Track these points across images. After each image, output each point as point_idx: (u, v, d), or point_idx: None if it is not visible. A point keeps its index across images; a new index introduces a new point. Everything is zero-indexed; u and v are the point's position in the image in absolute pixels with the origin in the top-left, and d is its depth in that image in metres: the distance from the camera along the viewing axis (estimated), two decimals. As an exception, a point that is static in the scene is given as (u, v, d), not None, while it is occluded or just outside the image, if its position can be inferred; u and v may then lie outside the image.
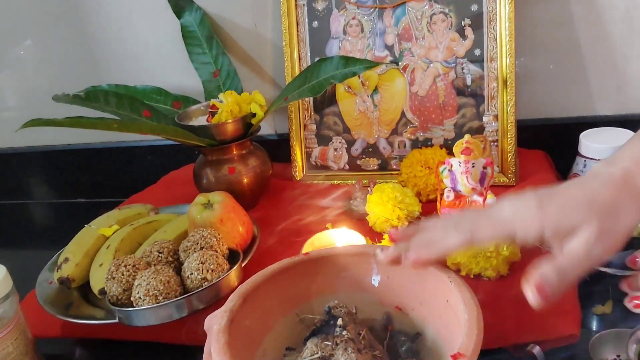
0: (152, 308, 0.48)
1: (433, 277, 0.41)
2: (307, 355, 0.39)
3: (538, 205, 0.35)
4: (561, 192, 0.36)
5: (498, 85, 0.72)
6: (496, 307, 0.49)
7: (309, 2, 0.78)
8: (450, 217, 0.41)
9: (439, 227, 0.40)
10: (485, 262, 0.53)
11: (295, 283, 0.45)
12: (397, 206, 0.63)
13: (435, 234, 0.39)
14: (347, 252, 0.46)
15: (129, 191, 0.87)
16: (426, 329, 0.43)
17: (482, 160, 0.60)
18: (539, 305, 0.35)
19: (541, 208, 0.35)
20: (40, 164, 1.02)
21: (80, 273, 0.62)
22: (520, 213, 0.36)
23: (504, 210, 0.37)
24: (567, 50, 0.76)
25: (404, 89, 0.76)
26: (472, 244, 0.37)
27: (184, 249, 0.55)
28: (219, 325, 0.39)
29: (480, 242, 0.37)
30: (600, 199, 0.35)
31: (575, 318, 0.47)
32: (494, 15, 0.71)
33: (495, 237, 0.37)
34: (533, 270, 0.35)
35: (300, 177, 0.82)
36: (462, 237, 0.37)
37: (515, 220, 0.36)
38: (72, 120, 0.62)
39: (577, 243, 0.35)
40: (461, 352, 0.33)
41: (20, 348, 0.50)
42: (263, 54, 0.86)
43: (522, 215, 0.36)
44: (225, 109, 0.72)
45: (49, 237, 0.90)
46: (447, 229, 0.38)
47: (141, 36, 0.90)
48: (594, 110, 0.78)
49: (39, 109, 0.84)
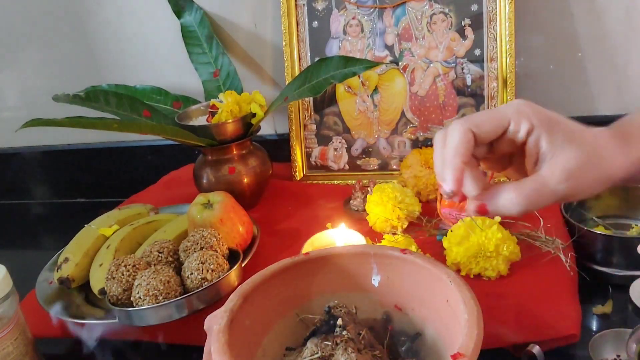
0: (152, 308, 0.48)
1: (433, 277, 0.41)
2: (307, 355, 0.39)
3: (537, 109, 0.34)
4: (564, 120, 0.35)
5: (498, 85, 0.72)
6: (496, 307, 0.49)
7: (309, 2, 0.78)
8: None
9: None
10: (485, 262, 0.53)
11: (295, 283, 0.45)
12: (397, 206, 0.63)
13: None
14: (347, 252, 0.46)
15: (129, 191, 0.87)
16: (426, 328, 0.43)
17: (482, 160, 0.60)
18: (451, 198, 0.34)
19: (539, 112, 0.34)
20: (40, 164, 1.02)
21: (80, 273, 0.62)
22: (521, 107, 0.34)
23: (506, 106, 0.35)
24: (567, 49, 0.76)
25: (404, 89, 0.76)
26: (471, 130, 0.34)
27: (184, 249, 0.55)
28: (219, 325, 0.39)
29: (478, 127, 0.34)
30: (594, 141, 0.34)
31: (575, 318, 0.47)
32: (494, 15, 0.71)
33: (489, 122, 0.34)
34: (493, 189, 0.33)
35: (300, 177, 0.82)
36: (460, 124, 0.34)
37: (512, 112, 0.34)
38: (72, 120, 0.62)
39: (552, 169, 0.33)
40: (461, 352, 0.33)
41: (20, 348, 0.50)
42: (263, 53, 0.86)
43: (521, 108, 0.34)
44: (225, 109, 0.72)
45: (49, 237, 0.90)
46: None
47: (141, 36, 0.90)
48: (595, 110, 0.78)
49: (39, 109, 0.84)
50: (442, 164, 0.34)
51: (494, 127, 0.34)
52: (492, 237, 0.53)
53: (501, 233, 0.53)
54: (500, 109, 0.35)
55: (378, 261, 0.45)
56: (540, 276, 0.52)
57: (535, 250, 0.55)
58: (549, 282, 0.51)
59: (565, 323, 0.46)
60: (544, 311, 0.48)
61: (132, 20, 0.89)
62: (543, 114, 0.34)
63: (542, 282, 0.51)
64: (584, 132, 0.35)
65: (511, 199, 0.33)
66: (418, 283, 0.43)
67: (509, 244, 0.53)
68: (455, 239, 0.55)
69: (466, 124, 0.34)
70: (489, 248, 0.52)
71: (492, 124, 0.34)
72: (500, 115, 0.35)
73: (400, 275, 0.44)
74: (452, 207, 0.62)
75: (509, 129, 0.34)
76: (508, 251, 0.53)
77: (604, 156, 0.34)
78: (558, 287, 0.51)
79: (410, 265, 0.43)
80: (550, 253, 0.54)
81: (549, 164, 0.33)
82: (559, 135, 0.34)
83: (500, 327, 0.46)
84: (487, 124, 0.34)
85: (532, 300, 0.49)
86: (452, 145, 0.34)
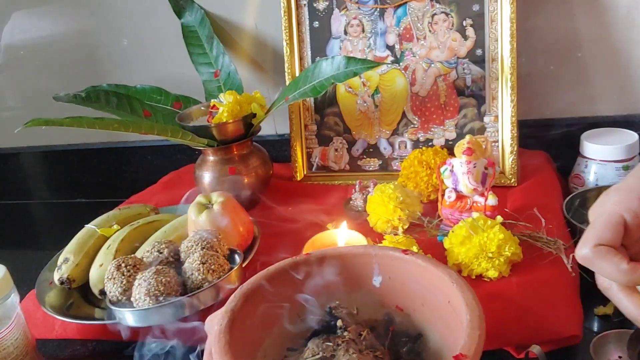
0: (152, 308, 0.48)
1: (435, 277, 0.41)
2: (309, 356, 0.39)
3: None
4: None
5: (499, 85, 0.72)
6: (498, 308, 0.49)
7: (309, 2, 0.78)
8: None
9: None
10: (487, 263, 0.52)
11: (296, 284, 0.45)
12: (398, 206, 0.63)
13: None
14: (348, 252, 0.46)
15: (129, 191, 0.87)
16: (428, 329, 0.43)
17: (484, 160, 0.60)
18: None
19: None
20: (41, 164, 1.02)
21: (80, 273, 0.62)
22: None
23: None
24: (568, 50, 0.76)
25: (405, 89, 0.76)
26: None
27: (185, 250, 0.54)
28: (219, 326, 0.38)
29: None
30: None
31: (577, 319, 0.47)
32: (496, 15, 0.70)
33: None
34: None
35: (300, 178, 0.82)
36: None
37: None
38: (72, 120, 0.62)
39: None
40: (463, 353, 0.33)
41: (21, 348, 0.50)
42: (264, 54, 0.86)
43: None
44: (225, 109, 0.71)
45: (49, 237, 0.90)
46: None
47: (142, 36, 0.89)
48: (596, 111, 0.78)
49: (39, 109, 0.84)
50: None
51: (617, 233, 0.36)
52: (494, 237, 0.53)
53: (503, 234, 0.53)
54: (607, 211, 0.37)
55: (379, 262, 0.45)
56: (541, 277, 0.52)
57: (537, 251, 0.55)
58: (551, 283, 0.51)
59: (567, 324, 0.46)
60: (545, 312, 0.48)
61: (133, 20, 0.89)
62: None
63: (543, 283, 0.51)
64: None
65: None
66: (420, 284, 0.43)
67: (511, 245, 0.53)
68: (456, 240, 0.55)
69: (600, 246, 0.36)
70: (490, 249, 0.52)
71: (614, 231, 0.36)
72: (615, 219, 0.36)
73: (401, 276, 0.44)
74: (453, 208, 0.61)
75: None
76: (510, 252, 0.52)
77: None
78: (560, 288, 0.50)
79: (412, 266, 0.43)
80: (552, 254, 0.54)
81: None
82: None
83: (501, 328, 0.46)
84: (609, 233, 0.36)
85: (533, 301, 0.49)
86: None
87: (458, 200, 0.61)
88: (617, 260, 0.35)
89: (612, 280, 0.37)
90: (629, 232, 0.36)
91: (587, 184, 0.68)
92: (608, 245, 0.36)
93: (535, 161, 0.75)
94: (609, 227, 0.36)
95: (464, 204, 0.61)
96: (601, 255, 0.36)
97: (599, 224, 0.37)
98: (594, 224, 0.37)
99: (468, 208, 0.61)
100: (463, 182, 0.60)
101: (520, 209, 0.61)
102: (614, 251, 0.36)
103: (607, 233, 0.36)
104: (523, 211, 0.60)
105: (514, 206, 0.64)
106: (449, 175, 0.61)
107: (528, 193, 0.68)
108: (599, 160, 0.67)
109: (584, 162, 0.68)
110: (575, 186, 0.69)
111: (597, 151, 0.67)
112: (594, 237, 0.36)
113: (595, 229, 0.37)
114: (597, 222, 0.37)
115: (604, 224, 0.36)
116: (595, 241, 0.36)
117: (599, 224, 0.37)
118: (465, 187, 0.60)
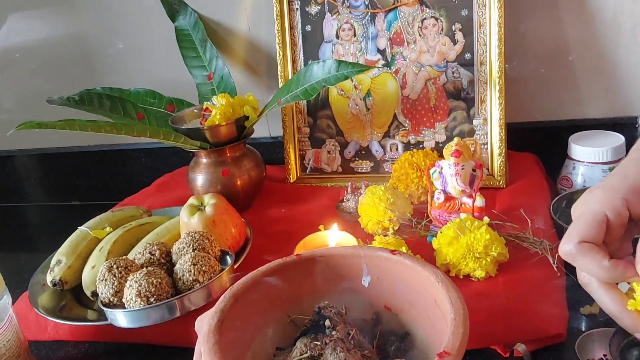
0: (143, 309, 0.48)
1: (421, 277, 0.42)
2: (296, 355, 0.39)
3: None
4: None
5: (488, 88, 0.73)
6: (485, 307, 0.49)
7: (302, 6, 0.78)
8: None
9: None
10: (474, 263, 0.53)
11: (286, 284, 0.45)
12: (389, 208, 0.63)
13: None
14: (337, 253, 0.47)
15: (123, 194, 0.87)
16: (415, 328, 0.44)
17: (472, 162, 0.61)
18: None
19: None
20: (35, 167, 1.02)
21: (72, 275, 0.62)
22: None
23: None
24: (556, 54, 0.77)
25: (395, 93, 0.77)
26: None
27: (177, 251, 0.55)
28: (209, 326, 0.39)
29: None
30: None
31: (562, 318, 0.48)
32: (484, 20, 0.71)
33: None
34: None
35: (293, 180, 0.83)
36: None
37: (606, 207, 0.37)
38: (65, 123, 0.63)
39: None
40: (447, 351, 0.34)
41: (13, 350, 0.50)
42: (257, 57, 0.87)
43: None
44: (218, 111, 0.72)
45: (42, 240, 0.90)
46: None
47: (135, 39, 0.90)
48: (583, 114, 0.79)
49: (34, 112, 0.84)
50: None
51: (600, 231, 0.37)
52: (481, 238, 0.53)
53: (490, 234, 0.54)
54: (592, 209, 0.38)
55: (368, 262, 0.45)
56: (528, 277, 0.53)
57: (524, 251, 0.56)
58: (537, 282, 0.52)
59: (552, 323, 0.47)
60: (531, 311, 0.48)
61: (127, 23, 0.89)
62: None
63: (529, 282, 0.52)
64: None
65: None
66: (407, 283, 0.44)
67: (498, 245, 0.54)
68: (444, 240, 0.55)
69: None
70: (477, 249, 0.53)
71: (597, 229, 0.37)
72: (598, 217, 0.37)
73: (389, 276, 0.45)
74: (442, 209, 0.62)
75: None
76: (496, 252, 0.53)
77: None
78: (545, 288, 0.51)
79: (400, 266, 0.44)
80: (538, 254, 0.55)
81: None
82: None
83: (488, 327, 0.47)
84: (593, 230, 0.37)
85: (519, 300, 0.50)
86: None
87: (447, 201, 0.62)
88: (599, 257, 0.36)
89: (594, 276, 0.38)
90: (611, 230, 0.37)
91: (575, 186, 0.68)
92: (591, 242, 0.37)
93: (524, 163, 0.76)
94: (592, 225, 0.37)
95: (453, 205, 0.62)
96: (584, 252, 0.37)
97: (583, 221, 0.38)
98: (578, 221, 0.38)
99: (457, 209, 0.62)
100: (451, 184, 0.60)
101: (508, 210, 0.62)
102: (597, 248, 0.37)
103: (591, 231, 0.37)
104: (511, 212, 0.61)
105: (503, 207, 0.65)
106: (438, 177, 0.62)
107: (516, 194, 0.69)
108: (587, 162, 0.67)
109: (571, 164, 0.69)
110: (564, 188, 0.70)
111: (584, 153, 0.67)
112: (578, 234, 0.37)
113: (579, 226, 0.37)
114: (581, 219, 0.38)
115: (588, 222, 0.37)
116: (579, 238, 0.37)
117: (583, 221, 0.38)
118: (454, 188, 0.60)
